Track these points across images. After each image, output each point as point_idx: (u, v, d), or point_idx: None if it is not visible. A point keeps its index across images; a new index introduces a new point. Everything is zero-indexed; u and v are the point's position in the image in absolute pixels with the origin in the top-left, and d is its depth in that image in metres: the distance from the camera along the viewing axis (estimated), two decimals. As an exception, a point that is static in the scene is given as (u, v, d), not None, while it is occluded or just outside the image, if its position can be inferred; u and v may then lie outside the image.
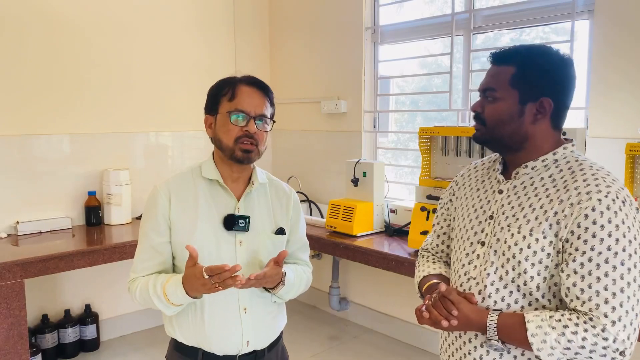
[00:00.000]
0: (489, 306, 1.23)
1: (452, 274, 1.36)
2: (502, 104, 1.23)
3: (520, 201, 1.23)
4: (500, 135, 1.24)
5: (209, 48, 3.79)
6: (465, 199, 1.38)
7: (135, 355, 3.22)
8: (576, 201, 1.14)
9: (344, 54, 3.62)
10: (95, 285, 3.34)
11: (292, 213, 1.59)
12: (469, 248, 1.31)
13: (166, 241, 1.46)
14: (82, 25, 3.21)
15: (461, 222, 1.37)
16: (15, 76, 2.99)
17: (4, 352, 2.42)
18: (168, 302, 1.38)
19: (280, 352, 1.61)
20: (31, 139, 3.08)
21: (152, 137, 3.60)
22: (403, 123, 3.68)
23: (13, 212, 3.01)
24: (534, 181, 1.23)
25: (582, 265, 1.11)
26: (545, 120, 1.23)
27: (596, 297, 1.09)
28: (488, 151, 2.50)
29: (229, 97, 1.44)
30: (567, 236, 1.14)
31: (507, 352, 1.21)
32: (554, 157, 1.23)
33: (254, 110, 1.43)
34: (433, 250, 1.53)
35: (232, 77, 1.49)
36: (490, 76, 1.27)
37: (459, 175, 1.47)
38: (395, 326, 3.44)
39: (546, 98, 1.20)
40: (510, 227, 1.22)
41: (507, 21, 2.84)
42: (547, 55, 1.22)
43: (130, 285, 1.47)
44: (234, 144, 1.42)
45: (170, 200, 1.45)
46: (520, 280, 1.19)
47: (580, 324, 1.09)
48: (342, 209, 3.01)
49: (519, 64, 1.22)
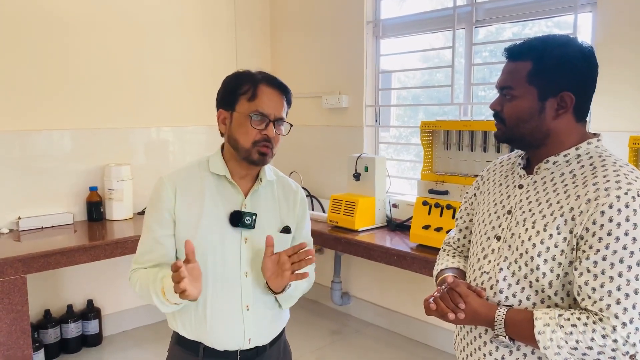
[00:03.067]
0: (500, 301, 1.20)
1: (468, 268, 1.35)
2: (521, 102, 1.19)
3: (539, 196, 1.20)
4: (521, 133, 1.21)
5: (210, 43, 3.78)
6: (488, 193, 1.36)
7: (137, 351, 3.23)
8: (593, 197, 1.09)
9: (345, 48, 3.61)
10: (97, 281, 3.34)
11: (299, 210, 1.57)
12: (485, 242, 1.28)
13: (170, 234, 1.44)
14: (83, 21, 3.20)
15: (481, 217, 1.34)
16: (16, 72, 2.98)
17: (6, 347, 2.42)
18: (165, 298, 1.35)
19: (282, 347, 1.60)
20: (32, 134, 3.08)
21: (153, 132, 3.59)
22: (405, 119, 3.67)
23: (15, 208, 3.01)
24: (554, 176, 1.19)
25: (596, 263, 1.07)
26: (568, 115, 1.18)
27: (608, 297, 1.05)
28: (490, 146, 2.50)
29: (249, 96, 1.40)
30: (581, 233, 1.10)
31: (516, 349, 1.19)
32: (576, 152, 1.19)
33: (274, 113, 1.41)
34: (454, 245, 1.50)
35: (251, 73, 1.44)
36: (507, 73, 1.22)
37: (485, 169, 1.45)
38: (397, 320, 3.44)
39: (567, 92, 1.15)
40: (525, 222, 1.19)
41: (509, 14, 2.82)
42: (565, 47, 1.16)
43: (132, 275, 1.46)
44: (251, 146, 1.40)
45: (175, 193, 1.44)
46: (533, 276, 1.16)
47: (590, 324, 1.06)
48: (344, 203, 3.01)
49: (535, 59, 1.17)
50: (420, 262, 2.51)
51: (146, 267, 1.44)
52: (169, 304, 1.36)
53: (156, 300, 1.38)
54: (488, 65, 3.12)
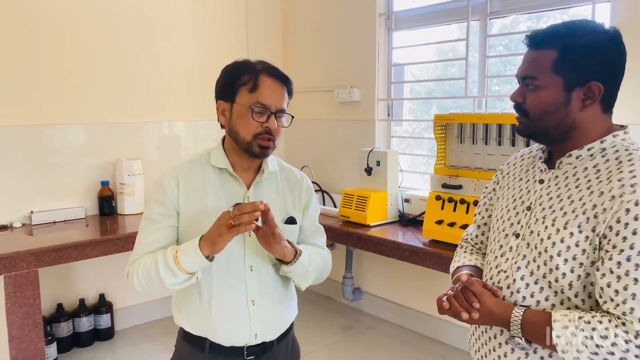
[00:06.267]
0: (517, 301, 1.15)
1: (485, 266, 1.30)
2: (546, 93, 1.12)
3: (560, 192, 1.14)
4: (545, 126, 1.14)
5: (222, 37, 3.76)
6: (508, 188, 1.31)
7: (149, 345, 3.24)
8: (618, 194, 1.03)
9: (357, 41, 3.56)
10: (109, 275, 3.35)
11: (304, 199, 1.54)
12: (503, 240, 1.23)
13: (174, 225, 1.42)
14: (98, 17, 3.20)
15: (499, 213, 1.29)
16: (31, 67, 2.99)
17: (19, 341, 2.43)
18: (177, 263, 1.30)
19: (290, 343, 1.57)
20: (45, 129, 3.09)
21: (165, 127, 3.58)
22: (418, 113, 3.63)
23: (27, 202, 3.03)
24: (577, 171, 1.13)
25: (619, 264, 1.00)
26: (595, 106, 1.11)
27: (632, 301, 0.99)
28: (505, 139, 2.45)
29: (250, 87, 1.37)
30: (604, 232, 1.03)
31: (533, 352, 1.13)
32: (601, 145, 1.12)
33: (275, 105, 1.38)
34: (472, 241, 1.45)
35: (250, 63, 1.41)
36: (529, 62, 1.15)
37: (505, 163, 1.39)
38: (409, 317, 3.41)
39: (594, 82, 1.09)
40: (545, 219, 1.13)
41: (524, 5, 2.76)
42: (591, 33, 1.09)
43: (130, 269, 1.39)
44: (252, 139, 1.38)
45: (178, 186, 1.42)
46: (552, 276, 1.10)
47: (611, 328, 1.00)
48: (356, 198, 2.98)
49: (560, 47, 1.10)
50: (433, 258, 2.47)
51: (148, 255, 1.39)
52: (179, 270, 1.31)
53: (163, 272, 1.32)
54: (502, 61, 3.06)
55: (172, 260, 1.31)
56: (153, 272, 1.34)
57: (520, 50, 2.83)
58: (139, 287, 1.38)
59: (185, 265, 1.31)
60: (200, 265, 1.32)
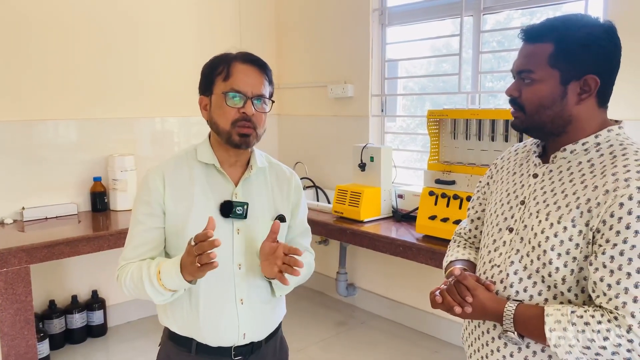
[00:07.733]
0: (511, 296, 1.15)
1: (479, 261, 1.30)
2: (542, 86, 1.11)
3: (554, 186, 1.14)
4: (542, 121, 1.14)
5: (215, 32, 3.74)
6: (501, 183, 1.30)
7: (142, 341, 3.23)
8: (612, 188, 1.03)
9: (350, 37, 3.56)
10: (102, 272, 3.34)
11: (293, 197, 1.51)
12: (497, 234, 1.23)
13: (160, 226, 1.38)
14: (88, 12, 3.17)
15: (493, 207, 1.29)
16: (21, 62, 2.96)
17: (10, 337, 2.42)
18: (160, 284, 1.28)
19: (278, 343, 1.54)
20: (37, 124, 3.06)
21: (157, 122, 3.57)
22: (411, 110, 3.63)
23: (19, 198, 3.00)
24: (571, 166, 1.13)
25: (612, 258, 1.01)
26: (591, 99, 1.11)
27: (624, 295, 0.99)
28: (498, 135, 2.45)
29: (224, 76, 1.35)
30: (598, 226, 1.03)
31: (525, 347, 1.14)
32: (595, 140, 1.12)
33: (251, 90, 1.34)
34: (465, 236, 1.45)
35: (227, 53, 1.39)
36: (525, 56, 1.14)
37: (499, 157, 1.39)
38: (403, 312, 3.42)
39: (591, 75, 1.09)
40: (539, 214, 1.13)
41: (518, 1, 2.76)
42: (587, 27, 1.09)
43: (120, 273, 1.37)
44: (230, 127, 1.34)
45: (164, 184, 1.38)
46: (545, 271, 1.10)
47: (604, 322, 1.00)
48: (349, 194, 2.98)
49: (556, 40, 1.09)
50: (426, 253, 2.48)
51: (136, 262, 1.38)
52: (164, 290, 1.30)
53: (149, 289, 1.31)
54: (496, 57, 3.07)
55: (156, 281, 1.29)
56: (140, 287, 1.33)
57: (514, 46, 2.83)
58: (129, 295, 1.39)
59: (169, 286, 1.29)
60: (185, 287, 1.30)
